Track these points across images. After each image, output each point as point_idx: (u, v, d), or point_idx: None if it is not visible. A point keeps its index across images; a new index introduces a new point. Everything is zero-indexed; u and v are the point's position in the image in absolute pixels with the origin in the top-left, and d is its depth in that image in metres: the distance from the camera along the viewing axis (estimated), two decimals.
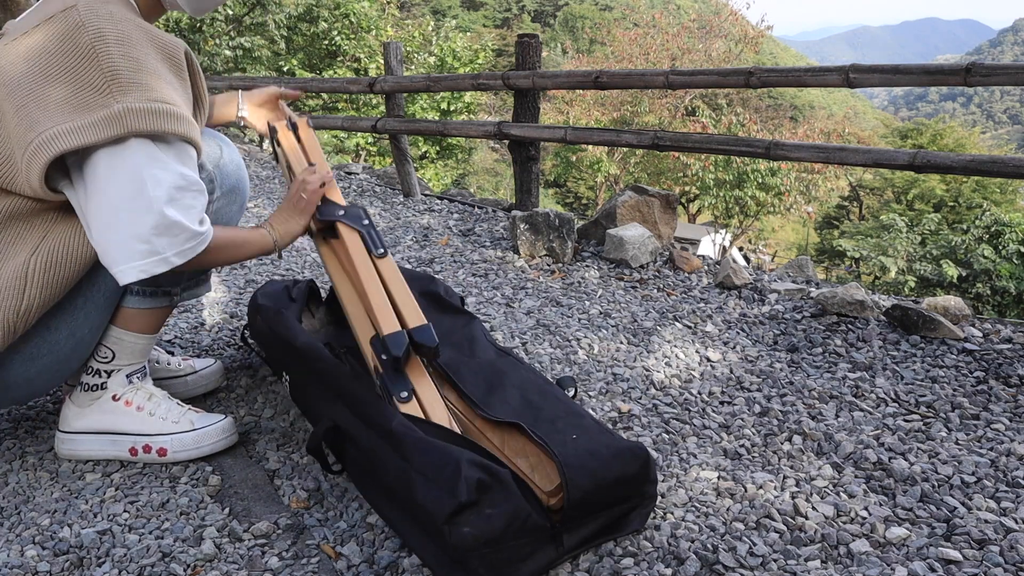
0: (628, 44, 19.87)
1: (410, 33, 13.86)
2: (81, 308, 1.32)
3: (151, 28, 1.24)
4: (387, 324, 1.34)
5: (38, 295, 1.23)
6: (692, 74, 3.48)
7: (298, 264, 2.73)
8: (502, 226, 3.25)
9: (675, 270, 2.64)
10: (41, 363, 1.32)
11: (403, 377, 1.31)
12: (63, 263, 1.24)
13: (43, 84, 1.16)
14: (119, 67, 1.16)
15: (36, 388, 1.37)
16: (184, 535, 1.20)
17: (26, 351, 1.30)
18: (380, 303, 1.37)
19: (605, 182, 18.58)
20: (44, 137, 1.13)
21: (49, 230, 1.25)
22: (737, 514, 1.26)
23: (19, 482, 1.37)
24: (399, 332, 1.33)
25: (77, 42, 1.16)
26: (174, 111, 1.20)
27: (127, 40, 1.18)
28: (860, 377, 1.80)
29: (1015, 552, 1.15)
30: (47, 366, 1.33)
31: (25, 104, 1.15)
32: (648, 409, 1.65)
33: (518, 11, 54.75)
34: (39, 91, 1.15)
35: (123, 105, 1.14)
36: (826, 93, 55.12)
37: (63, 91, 1.15)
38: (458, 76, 4.00)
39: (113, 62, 1.15)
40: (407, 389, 1.29)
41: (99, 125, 1.14)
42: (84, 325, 1.33)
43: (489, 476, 1.04)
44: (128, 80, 1.16)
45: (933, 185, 21.52)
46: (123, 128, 1.14)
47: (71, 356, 1.35)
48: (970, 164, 2.39)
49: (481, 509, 1.02)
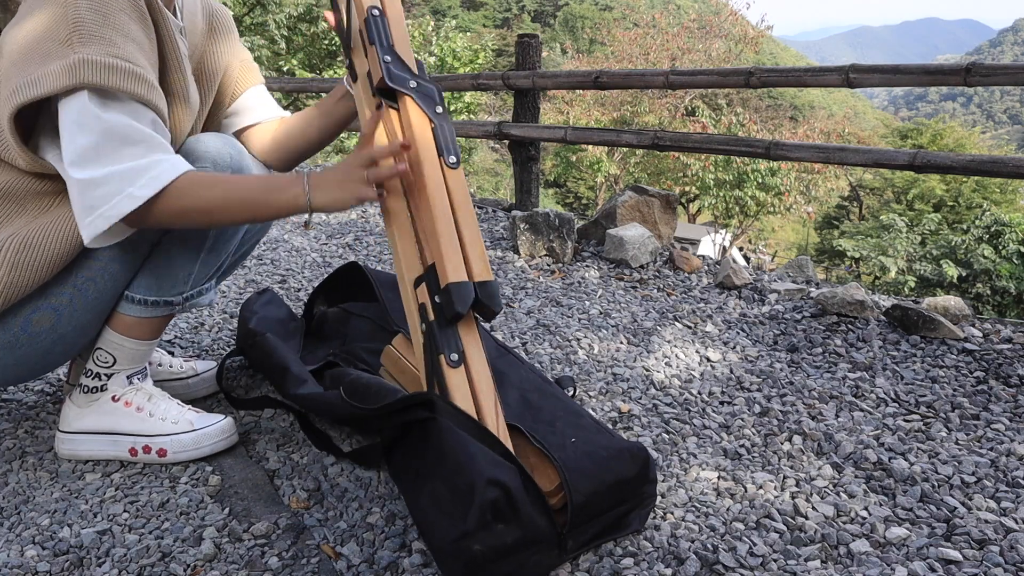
0: (628, 44, 19.88)
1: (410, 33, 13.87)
2: (67, 305, 1.29)
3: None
4: (454, 269, 1.11)
5: (5, 275, 1.21)
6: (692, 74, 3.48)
7: (298, 264, 2.73)
8: (502, 226, 3.25)
9: (675, 270, 2.64)
10: (19, 352, 1.30)
11: (455, 336, 1.12)
12: (37, 246, 1.22)
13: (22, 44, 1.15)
14: (84, 19, 1.13)
15: (11, 376, 1.36)
16: (184, 535, 1.20)
17: (4, 339, 1.28)
18: (447, 237, 1.11)
19: (605, 182, 18.58)
20: (7, 92, 1.13)
21: (39, 216, 1.24)
22: (737, 514, 1.26)
23: (19, 482, 1.37)
24: (466, 283, 1.11)
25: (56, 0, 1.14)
26: (134, 70, 1.16)
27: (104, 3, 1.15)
28: (860, 377, 1.80)
29: (1015, 552, 1.15)
30: (25, 356, 1.31)
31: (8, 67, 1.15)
32: (648, 409, 1.65)
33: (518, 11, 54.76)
34: (18, 51, 1.15)
35: (80, 56, 1.11)
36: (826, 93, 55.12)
37: (33, 46, 1.14)
38: (458, 76, 4.01)
39: (79, 14, 1.13)
40: (458, 351, 1.12)
41: (53, 75, 1.11)
42: (69, 323, 1.31)
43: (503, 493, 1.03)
44: (90, 32, 1.13)
45: (933, 185, 21.52)
46: (76, 78, 1.11)
47: (52, 351, 1.33)
48: (970, 164, 2.39)
49: (493, 527, 1.01)
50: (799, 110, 33.93)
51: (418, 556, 1.14)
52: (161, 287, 1.36)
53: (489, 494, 1.00)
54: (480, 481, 1.01)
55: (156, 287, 1.35)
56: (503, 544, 1.01)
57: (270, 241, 3.03)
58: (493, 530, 1.01)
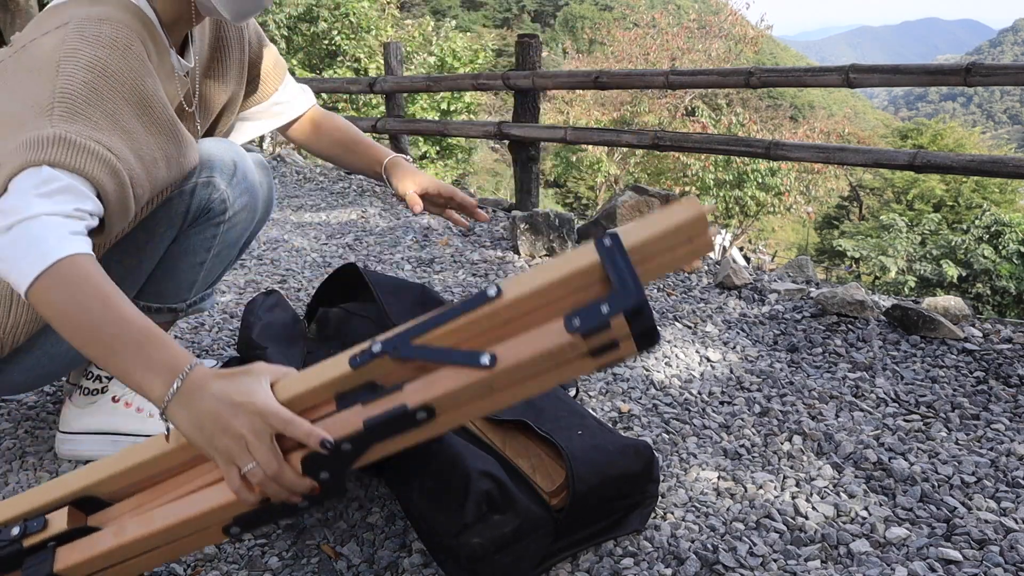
0: (628, 44, 19.85)
1: (410, 33, 13.86)
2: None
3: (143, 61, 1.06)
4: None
5: (25, 312, 1.16)
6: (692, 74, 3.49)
7: (298, 264, 2.73)
8: (502, 226, 3.25)
9: (675, 270, 2.64)
10: (39, 372, 1.30)
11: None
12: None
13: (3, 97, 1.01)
14: (75, 92, 0.98)
15: (29, 387, 1.35)
16: None
17: (25, 362, 1.26)
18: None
19: (605, 182, 18.57)
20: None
21: None
22: (737, 514, 1.26)
23: (19, 482, 1.37)
24: None
25: (50, 58, 1.00)
26: (109, 160, 0.98)
27: (103, 70, 1.00)
28: (860, 377, 1.80)
29: (1015, 552, 1.15)
30: (45, 374, 1.31)
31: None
32: (648, 409, 1.65)
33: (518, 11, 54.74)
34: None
35: (57, 131, 0.94)
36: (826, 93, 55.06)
37: (11, 105, 0.99)
38: (458, 76, 4.02)
39: (71, 84, 0.98)
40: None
41: (21, 149, 0.93)
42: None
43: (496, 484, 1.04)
44: (76, 110, 0.97)
45: (933, 185, 21.50)
46: (43, 155, 0.92)
47: (71, 364, 1.34)
48: (970, 164, 2.39)
49: (489, 518, 1.02)
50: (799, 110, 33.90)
51: (418, 556, 1.14)
52: (165, 295, 1.36)
53: (483, 485, 1.02)
54: (473, 474, 1.03)
55: (160, 294, 1.36)
56: (501, 535, 1.02)
57: (270, 241, 3.03)
58: (490, 521, 1.02)
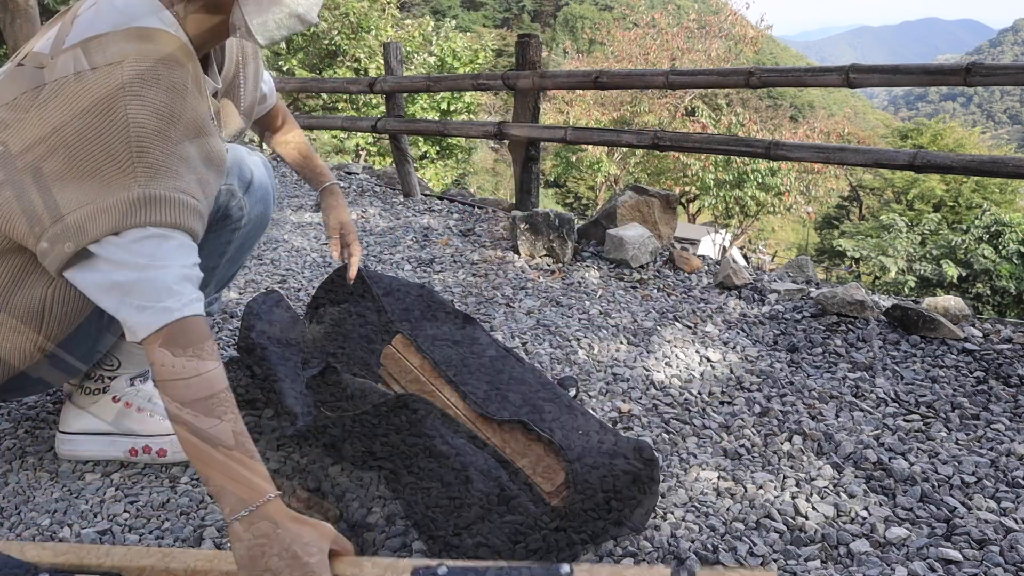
0: (628, 44, 19.85)
1: (410, 33, 13.84)
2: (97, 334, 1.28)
3: (196, 96, 1.09)
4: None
5: (56, 326, 1.20)
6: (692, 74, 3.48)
7: (298, 264, 2.73)
8: (502, 226, 3.25)
9: (675, 270, 2.64)
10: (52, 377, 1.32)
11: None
12: (81, 296, 1.17)
13: (68, 143, 1.00)
14: (150, 143, 1.02)
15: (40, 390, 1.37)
16: (184, 535, 1.20)
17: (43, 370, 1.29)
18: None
19: (605, 182, 18.57)
20: (72, 222, 1.00)
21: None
22: (737, 514, 1.26)
23: (19, 482, 1.37)
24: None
25: (114, 101, 1.00)
26: (195, 206, 1.07)
27: (169, 115, 1.03)
28: (860, 377, 1.80)
29: (1015, 552, 1.15)
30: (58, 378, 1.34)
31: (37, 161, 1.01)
32: (648, 409, 1.65)
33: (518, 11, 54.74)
34: (62, 147, 1.01)
35: (147, 191, 1.01)
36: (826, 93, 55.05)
37: (86, 158, 1.01)
38: (458, 76, 4.01)
39: (145, 134, 1.01)
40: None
41: (120, 209, 1.00)
42: (102, 346, 1.33)
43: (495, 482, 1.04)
44: (157, 163, 1.02)
45: (933, 185, 21.50)
46: (143, 219, 1.01)
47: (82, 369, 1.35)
48: (970, 164, 2.39)
49: (489, 518, 1.03)
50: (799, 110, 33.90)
51: (418, 556, 1.14)
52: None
53: (483, 485, 1.02)
54: (473, 474, 1.03)
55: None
56: (501, 535, 1.02)
57: (270, 241, 3.03)
58: (491, 518, 1.02)
